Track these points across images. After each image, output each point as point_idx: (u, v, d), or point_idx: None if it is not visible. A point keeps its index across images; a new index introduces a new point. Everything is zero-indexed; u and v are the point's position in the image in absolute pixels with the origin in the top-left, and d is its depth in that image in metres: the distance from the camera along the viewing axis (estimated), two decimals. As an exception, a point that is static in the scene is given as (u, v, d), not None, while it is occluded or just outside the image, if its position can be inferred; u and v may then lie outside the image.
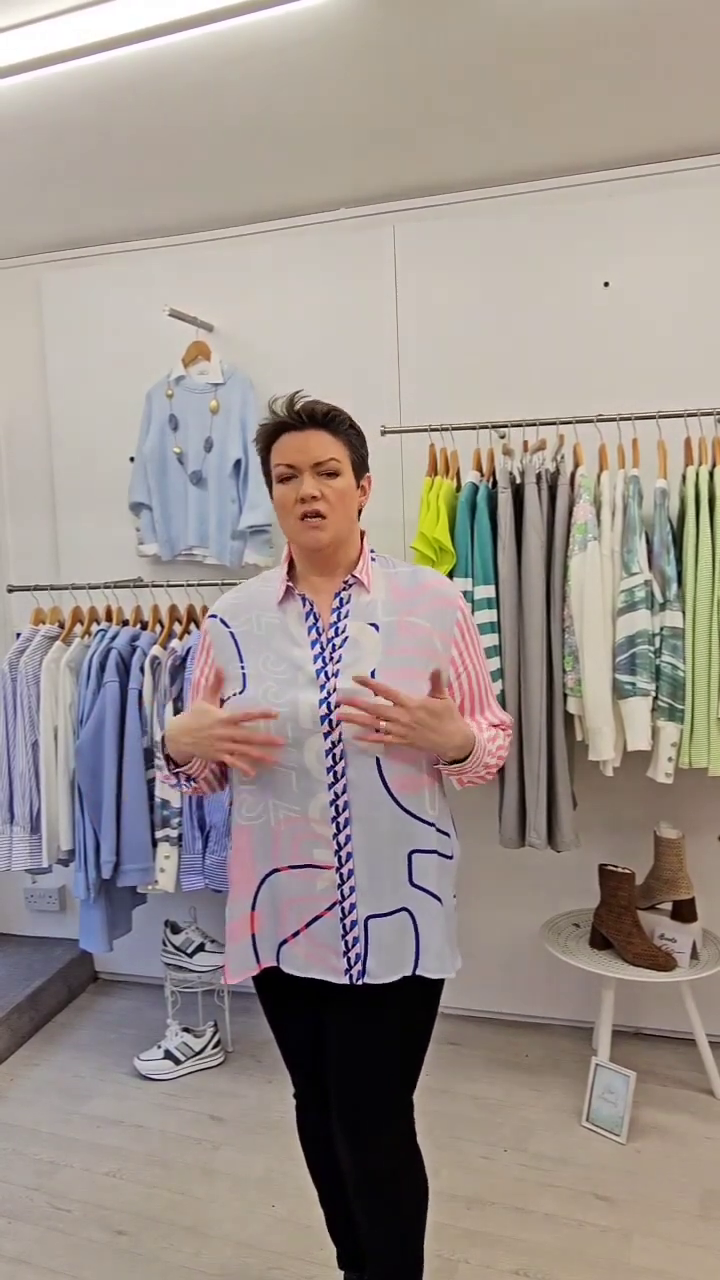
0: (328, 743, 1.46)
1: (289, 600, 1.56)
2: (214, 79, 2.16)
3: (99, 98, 2.22)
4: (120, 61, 2.09)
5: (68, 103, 2.24)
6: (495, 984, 2.95)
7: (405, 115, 2.35)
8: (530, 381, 2.72)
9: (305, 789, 1.47)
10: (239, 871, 1.57)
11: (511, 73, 2.16)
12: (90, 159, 2.54)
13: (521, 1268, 1.97)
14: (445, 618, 1.54)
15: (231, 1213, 2.16)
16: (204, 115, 2.32)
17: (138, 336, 3.05)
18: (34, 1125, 2.52)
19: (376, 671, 1.46)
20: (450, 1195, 2.19)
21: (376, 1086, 1.54)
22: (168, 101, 2.25)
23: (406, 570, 1.59)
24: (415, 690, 1.44)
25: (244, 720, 1.44)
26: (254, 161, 2.58)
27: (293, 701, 1.46)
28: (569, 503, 2.38)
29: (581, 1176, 2.24)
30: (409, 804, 1.50)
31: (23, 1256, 2.05)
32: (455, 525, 2.46)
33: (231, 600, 1.62)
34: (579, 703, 2.36)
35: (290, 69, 2.12)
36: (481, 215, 2.74)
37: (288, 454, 1.48)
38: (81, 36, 1.98)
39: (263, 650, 1.53)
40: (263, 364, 2.93)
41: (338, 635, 1.51)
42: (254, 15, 1.92)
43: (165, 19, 1.92)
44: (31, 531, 3.32)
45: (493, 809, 2.80)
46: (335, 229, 2.88)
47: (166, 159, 2.55)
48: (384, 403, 2.85)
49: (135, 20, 1.93)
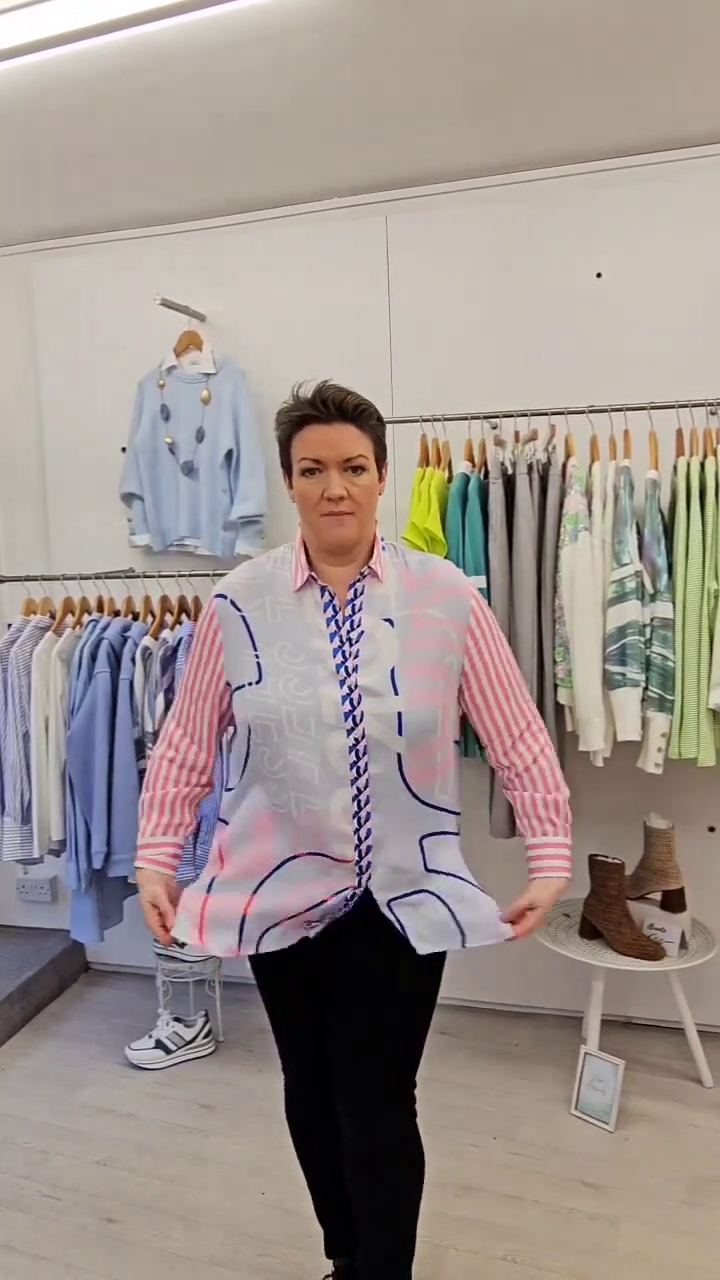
0: (350, 739, 1.44)
1: (308, 588, 1.51)
2: (205, 68, 2.14)
3: (89, 85, 2.21)
4: (111, 49, 2.07)
5: (58, 90, 2.23)
6: (486, 974, 2.96)
7: (397, 105, 2.34)
8: (522, 372, 2.72)
9: (327, 784, 1.45)
10: (251, 853, 1.53)
11: (503, 63, 2.15)
12: (81, 147, 2.52)
13: (510, 1253, 1.98)
14: (459, 607, 1.52)
15: (222, 1200, 2.17)
16: (196, 104, 2.31)
17: (129, 326, 3.04)
18: (25, 1114, 2.53)
19: (395, 670, 1.46)
20: (440, 1183, 2.20)
21: (382, 1064, 1.56)
22: (159, 90, 2.24)
23: (416, 559, 1.57)
24: (432, 687, 1.47)
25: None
26: (246, 151, 2.57)
27: (315, 696, 1.44)
28: (560, 493, 2.38)
29: (570, 1164, 2.25)
30: (423, 794, 1.52)
31: (13, 1244, 2.06)
32: (446, 516, 2.46)
33: (243, 580, 1.54)
34: (569, 693, 2.36)
35: (282, 58, 2.11)
36: (474, 205, 2.73)
37: (314, 448, 1.43)
38: (72, 22, 1.96)
39: (278, 639, 1.49)
40: (255, 354, 2.92)
41: (354, 629, 1.49)
42: (245, 2, 1.91)
43: (156, 5, 1.91)
44: (22, 522, 3.31)
45: (484, 799, 2.81)
46: (327, 218, 2.87)
47: (158, 148, 2.54)
48: (376, 393, 2.84)
49: (126, 5, 1.92)
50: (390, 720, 1.44)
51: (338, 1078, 1.58)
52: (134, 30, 2.01)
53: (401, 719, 1.44)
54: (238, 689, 1.51)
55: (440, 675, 1.49)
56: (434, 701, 1.48)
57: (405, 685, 1.46)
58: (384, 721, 1.44)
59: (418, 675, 1.47)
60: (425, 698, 1.47)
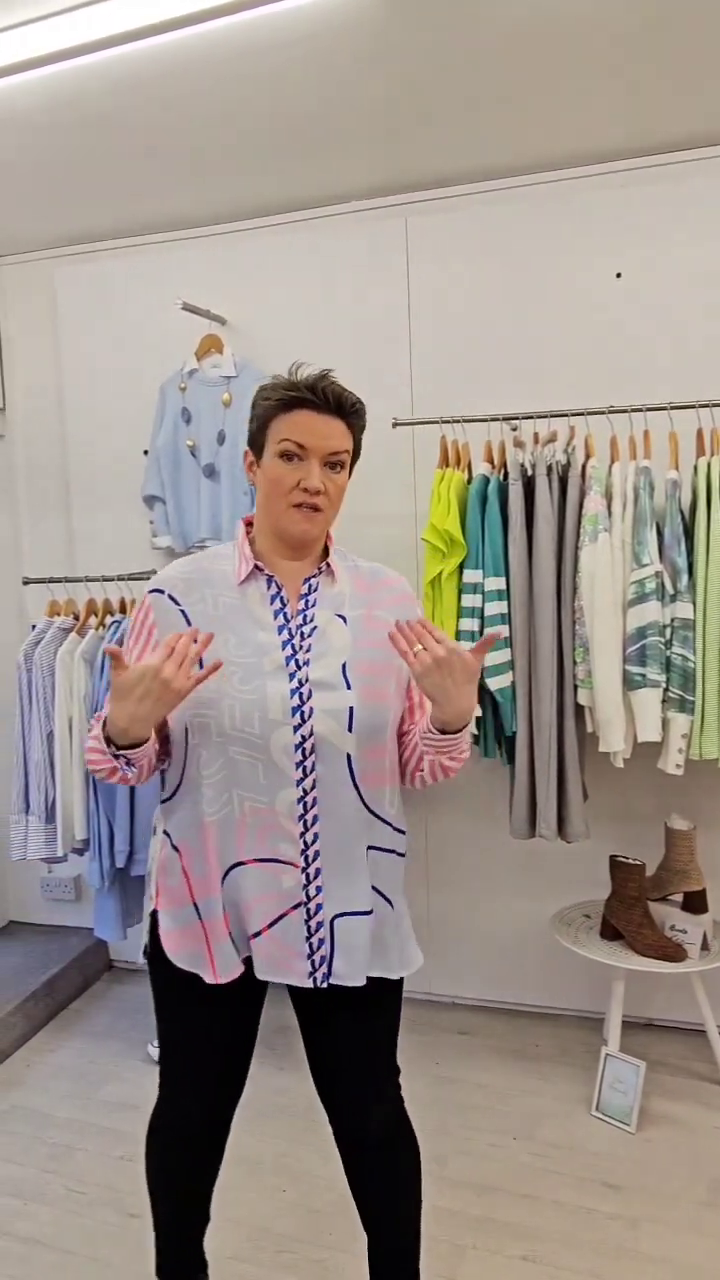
0: (297, 736, 1.38)
1: (252, 581, 1.46)
2: (226, 73, 2.16)
3: (111, 93, 2.23)
4: (132, 56, 2.09)
5: (80, 98, 2.26)
6: (505, 974, 2.96)
7: (416, 107, 2.35)
8: (542, 373, 2.72)
9: (272, 782, 1.40)
10: (206, 869, 1.45)
11: (523, 63, 2.16)
12: (102, 153, 2.55)
13: (529, 1253, 1.99)
14: (406, 614, 1.52)
15: (243, 1197, 2.19)
16: (216, 109, 2.32)
17: (150, 330, 3.06)
18: (50, 1110, 2.56)
19: (347, 665, 1.43)
20: (459, 1182, 2.21)
21: (370, 1060, 1.56)
22: (180, 96, 2.26)
23: (367, 566, 1.57)
24: (382, 688, 1.44)
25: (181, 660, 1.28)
26: (265, 155, 2.58)
27: (260, 690, 1.38)
28: (580, 494, 2.38)
29: (590, 1164, 2.25)
30: (372, 801, 1.47)
31: (39, 1238, 2.09)
32: (466, 517, 2.46)
33: (179, 574, 1.47)
34: (589, 694, 2.36)
35: (301, 62, 2.13)
36: (494, 206, 2.74)
37: (302, 434, 1.38)
38: (94, 31, 1.99)
39: (222, 632, 1.42)
40: (275, 356, 2.94)
41: (306, 624, 1.44)
42: (264, 9, 1.92)
43: (176, 13, 1.93)
44: (46, 524, 3.34)
45: (503, 800, 2.81)
46: (347, 221, 2.88)
47: (178, 153, 2.56)
48: (396, 395, 2.86)
49: (146, 15, 1.94)
50: (341, 716, 1.40)
51: (330, 1082, 1.58)
52: (153, 40, 2.03)
53: (353, 714, 1.40)
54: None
55: (391, 676, 1.46)
56: (385, 701, 1.45)
57: (357, 681, 1.42)
58: (334, 717, 1.39)
59: (369, 673, 1.44)
60: (377, 695, 1.44)
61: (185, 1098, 1.60)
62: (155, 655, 1.29)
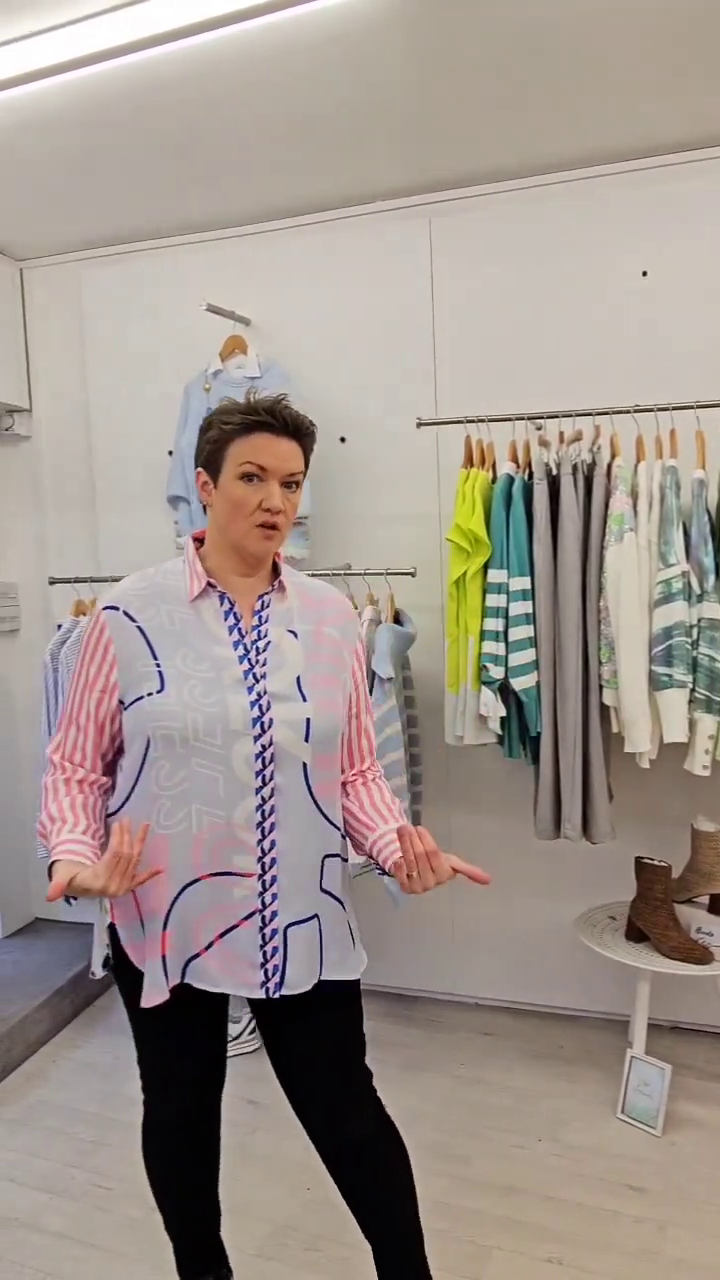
0: (257, 746, 1.43)
1: (205, 597, 1.50)
2: (249, 76, 2.17)
3: (135, 96, 2.25)
4: (156, 60, 2.11)
5: (105, 101, 2.28)
6: (529, 975, 2.96)
7: (440, 107, 2.35)
8: (567, 372, 2.71)
9: (231, 794, 1.43)
10: (149, 886, 1.47)
11: (546, 61, 2.15)
12: (128, 156, 2.57)
13: (554, 1255, 1.98)
14: (351, 631, 1.60)
15: (268, 1194, 2.19)
16: (239, 111, 2.34)
17: (176, 331, 3.08)
18: (75, 1105, 2.58)
19: (301, 678, 1.48)
20: (483, 1183, 2.21)
21: (342, 1067, 1.57)
22: (204, 99, 2.27)
23: (312, 582, 1.63)
24: (334, 699, 1.51)
25: (127, 848, 1.29)
26: (290, 156, 2.59)
27: (222, 703, 1.42)
28: (605, 494, 2.37)
29: (615, 1167, 2.24)
30: (327, 809, 1.52)
31: (65, 1231, 2.11)
32: (491, 517, 2.46)
33: (133, 590, 1.50)
34: (615, 694, 2.35)
35: (325, 64, 2.13)
36: (517, 205, 2.73)
37: (263, 456, 1.43)
38: (119, 36, 2.00)
39: (179, 647, 1.46)
40: (299, 357, 2.95)
41: (260, 639, 1.49)
42: (288, 11, 1.93)
43: (201, 17, 1.94)
44: (72, 525, 3.37)
45: (527, 800, 2.80)
46: (371, 222, 2.89)
47: (203, 155, 2.58)
48: (420, 395, 2.86)
49: (172, 19, 1.96)
50: (299, 726, 1.45)
51: (305, 1099, 1.58)
52: (177, 44, 2.04)
53: (309, 725, 1.46)
54: (134, 702, 1.45)
55: (338, 688, 1.53)
56: (336, 711, 1.52)
57: (311, 692, 1.49)
58: (292, 728, 1.45)
59: (321, 685, 1.50)
60: (329, 706, 1.50)
61: (166, 1096, 1.65)
62: (102, 866, 1.29)
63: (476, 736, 2.49)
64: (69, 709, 1.52)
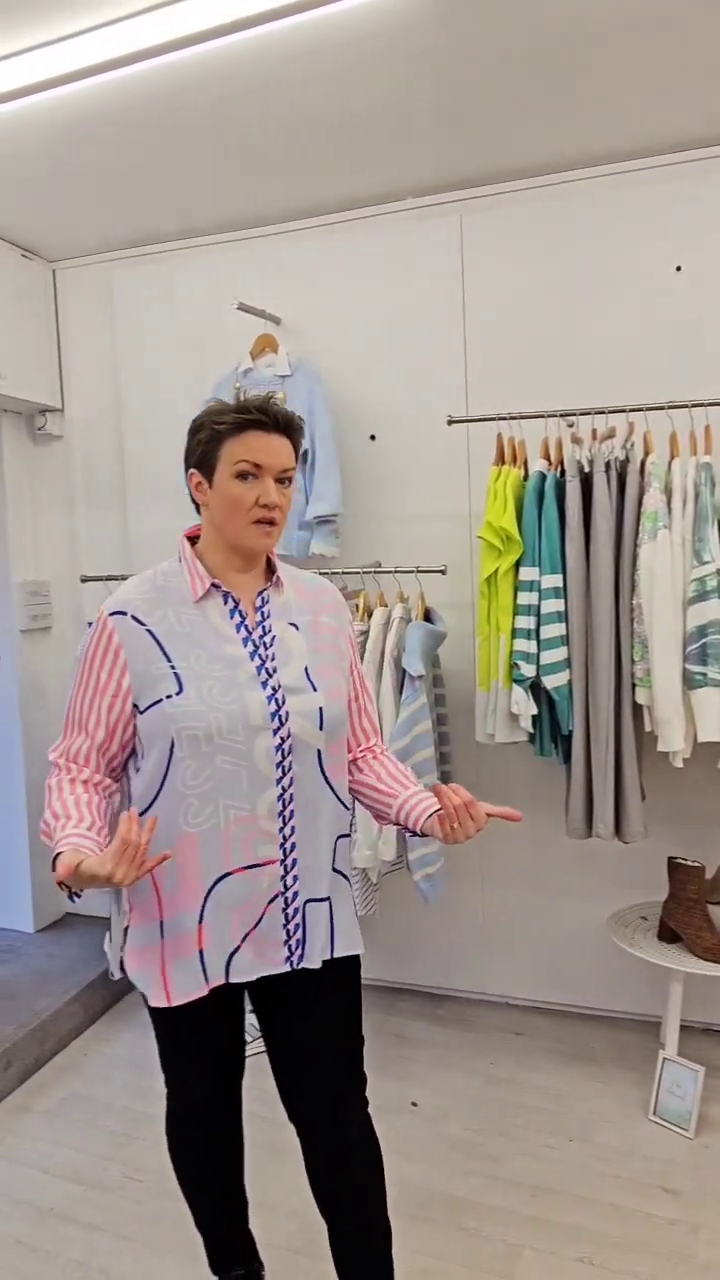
0: (277, 739, 1.47)
1: (209, 597, 1.52)
2: (278, 75, 2.18)
3: (165, 98, 2.27)
4: (186, 61, 2.12)
5: (135, 104, 2.29)
6: (560, 975, 2.94)
7: (470, 104, 2.34)
8: (599, 369, 2.69)
9: (254, 786, 1.47)
10: (177, 883, 1.48)
11: (577, 56, 2.14)
12: (158, 157, 2.59)
13: (585, 1255, 1.97)
14: (343, 619, 1.65)
15: (296, 1188, 2.20)
16: (269, 110, 2.34)
17: (206, 330, 3.10)
18: (107, 1098, 2.60)
19: (309, 669, 1.52)
20: (514, 1182, 2.20)
21: (341, 1065, 1.59)
22: (233, 98, 2.28)
23: (301, 574, 1.66)
24: (339, 686, 1.56)
25: (136, 840, 1.28)
26: (319, 155, 2.60)
27: (240, 700, 1.45)
28: (639, 491, 2.35)
29: (647, 1169, 2.23)
30: (339, 791, 1.57)
31: (99, 1223, 2.13)
32: (523, 514, 2.45)
33: (137, 595, 1.51)
34: (648, 693, 2.33)
35: (355, 62, 2.14)
36: (549, 201, 2.72)
37: (258, 454, 1.45)
38: (149, 39, 2.02)
39: (192, 648, 1.47)
40: (330, 355, 2.95)
41: (266, 634, 1.53)
42: (317, 11, 1.94)
43: (231, 18, 1.95)
44: (103, 523, 3.40)
45: (558, 799, 2.79)
46: (402, 219, 2.89)
47: (233, 155, 2.59)
48: (450, 392, 2.85)
49: (202, 20, 1.97)
50: (313, 716, 1.50)
51: (300, 1088, 1.60)
52: (208, 44, 2.05)
53: (323, 713, 1.51)
54: (151, 706, 1.45)
55: (340, 676, 1.58)
56: (342, 698, 1.57)
57: (320, 682, 1.53)
58: (307, 718, 1.49)
59: (327, 674, 1.55)
60: (337, 693, 1.55)
61: (188, 1087, 1.68)
62: (110, 853, 1.28)
63: (508, 735, 2.48)
64: (75, 714, 1.52)
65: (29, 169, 2.63)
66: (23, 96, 2.23)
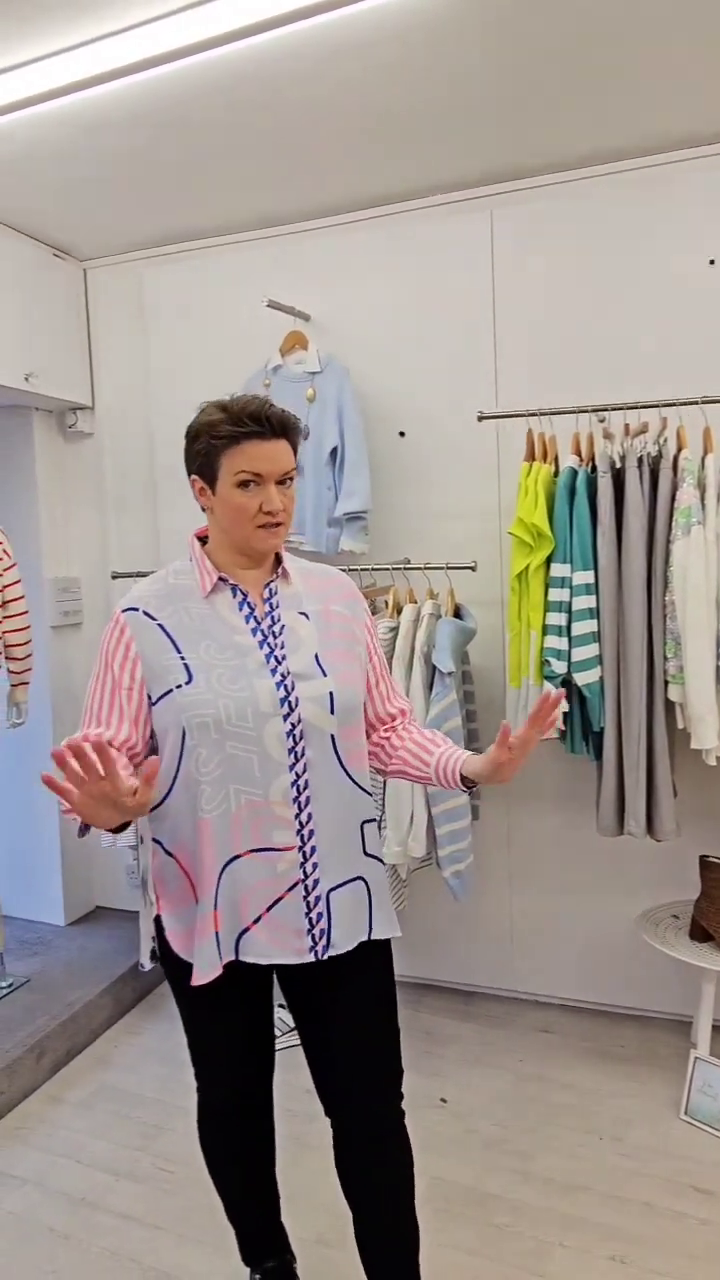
0: (287, 725, 1.48)
1: (218, 591, 1.55)
2: (307, 74, 2.18)
3: (196, 97, 2.27)
4: (216, 61, 2.12)
5: (165, 104, 2.30)
6: (590, 974, 2.93)
7: (501, 98, 2.33)
8: (631, 364, 2.68)
9: (267, 772, 1.48)
10: (201, 867, 1.50)
11: (609, 49, 2.12)
12: (187, 156, 2.60)
13: (618, 1254, 1.96)
14: (357, 606, 1.65)
15: (326, 1182, 2.19)
16: (299, 108, 2.35)
17: (236, 328, 3.11)
18: (138, 1090, 2.62)
19: (319, 655, 1.54)
20: (545, 1179, 2.20)
21: (378, 1058, 1.60)
22: (263, 96, 2.28)
23: (313, 565, 1.68)
24: (351, 672, 1.56)
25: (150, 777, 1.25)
26: (349, 152, 2.60)
27: (249, 687, 1.47)
28: (671, 487, 2.33)
29: (680, 1169, 2.21)
30: (357, 777, 1.57)
31: (130, 1213, 2.15)
32: (554, 510, 2.44)
33: (149, 592, 1.56)
34: (680, 690, 2.31)
35: (385, 61, 2.13)
36: (580, 196, 2.70)
37: (258, 463, 1.47)
38: (181, 39, 2.02)
39: (201, 640, 1.51)
40: (359, 351, 2.96)
41: (275, 624, 1.54)
42: (347, 9, 1.93)
43: (261, 16, 1.95)
44: (133, 520, 3.43)
45: (588, 796, 2.77)
46: (431, 215, 2.88)
47: (263, 153, 2.59)
48: (480, 388, 2.84)
49: (232, 20, 1.97)
50: (323, 701, 1.51)
51: (334, 1077, 1.60)
52: (236, 44, 2.05)
53: (333, 698, 1.52)
54: (163, 696, 1.48)
55: (354, 661, 1.59)
56: (355, 683, 1.57)
57: (330, 668, 1.54)
58: (317, 703, 1.50)
59: (338, 660, 1.56)
60: (349, 680, 1.56)
61: (218, 1079, 1.69)
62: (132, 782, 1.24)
63: (538, 731, 2.47)
64: (94, 709, 1.51)
65: (59, 169, 2.65)
66: (54, 98, 2.24)
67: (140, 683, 1.50)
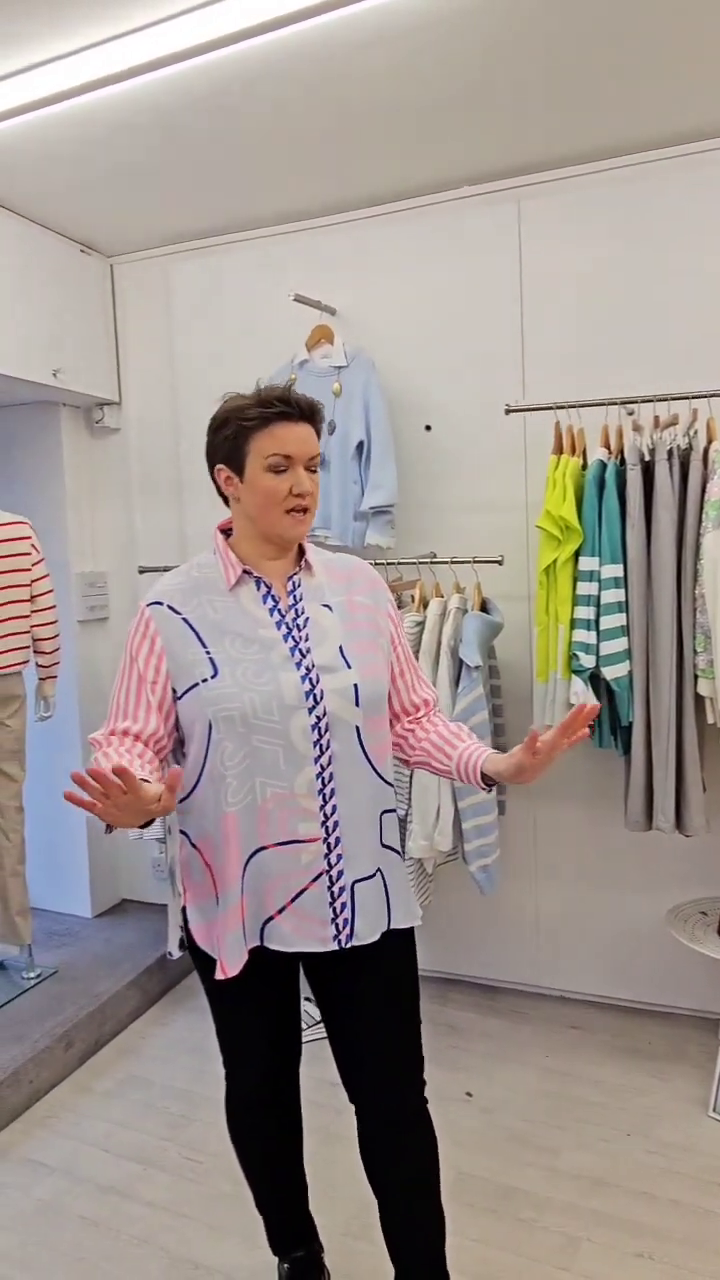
0: (312, 717, 1.48)
1: (242, 584, 1.55)
2: (332, 66, 2.17)
3: (222, 91, 2.27)
4: (242, 54, 2.12)
5: (191, 99, 2.30)
6: (618, 969, 2.91)
7: (527, 90, 2.31)
8: (660, 355, 2.65)
9: (292, 764, 1.48)
10: (225, 860, 1.51)
11: (635, 39, 2.10)
12: (213, 151, 2.60)
13: (646, 1250, 1.95)
14: (380, 596, 1.65)
15: (352, 1174, 2.21)
16: (325, 102, 2.34)
17: (262, 322, 3.11)
18: (165, 1080, 2.64)
19: (343, 647, 1.53)
20: (573, 1175, 2.19)
21: (401, 1045, 1.60)
22: (289, 90, 2.28)
23: (335, 556, 1.67)
24: (375, 663, 1.56)
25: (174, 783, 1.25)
26: (375, 144, 2.59)
27: (274, 680, 1.48)
28: (702, 479, 2.31)
29: (708, 1166, 2.20)
30: (380, 768, 1.58)
31: (158, 1202, 2.16)
32: (583, 504, 2.42)
33: (174, 586, 1.56)
34: (710, 684, 2.29)
35: (411, 52, 2.12)
36: (607, 186, 2.68)
37: (288, 445, 1.47)
38: (206, 34, 2.02)
39: (225, 633, 1.51)
40: (386, 345, 2.95)
41: (299, 616, 1.54)
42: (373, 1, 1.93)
43: (285, 10, 1.95)
44: (160, 515, 3.44)
45: (616, 790, 2.76)
46: (458, 208, 2.87)
47: (289, 146, 2.59)
48: (508, 381, 2.83)
49: (257, 14, 1.97)
50: (348, 693, 1.50)
51: (356, 1063, 1.61)
52: (262, 38, 2.05)
53: (358, 690, 1.51)
54: (188, 690, 1.48)
55: (378, 652, 1.59)
56: (379, 675, 1.57)
57: (355, 660, 1.54)
58: (342, 695, 1.50)
59: (362, 651, 1.55)
60: (373, 671, 1.55)
61: (246, 1069, 1.70)
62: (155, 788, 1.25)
63: (565, 726, 2.46)
64: (120, 703, 1.50)
65: (86, 166, 2.67)
66: (80, 94, 2.25)
67: (165, 676, 1.50)
